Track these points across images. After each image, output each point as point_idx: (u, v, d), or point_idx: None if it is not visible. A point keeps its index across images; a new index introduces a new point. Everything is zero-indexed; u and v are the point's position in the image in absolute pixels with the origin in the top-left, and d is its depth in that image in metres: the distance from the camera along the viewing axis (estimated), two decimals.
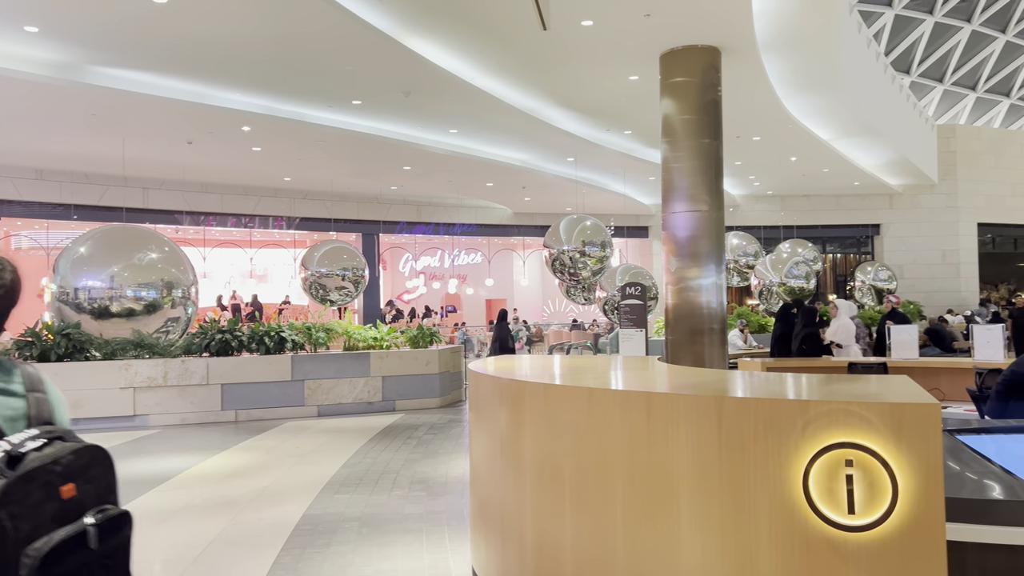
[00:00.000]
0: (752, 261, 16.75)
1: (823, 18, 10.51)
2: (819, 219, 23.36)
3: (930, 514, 2.51)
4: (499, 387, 3.96)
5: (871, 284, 19.96)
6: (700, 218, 10.29)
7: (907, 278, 22.15)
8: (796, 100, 13.74)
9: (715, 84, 10.44)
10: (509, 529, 3.78)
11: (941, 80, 25.91)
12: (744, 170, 19.36)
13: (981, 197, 23.66)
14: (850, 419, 2.56)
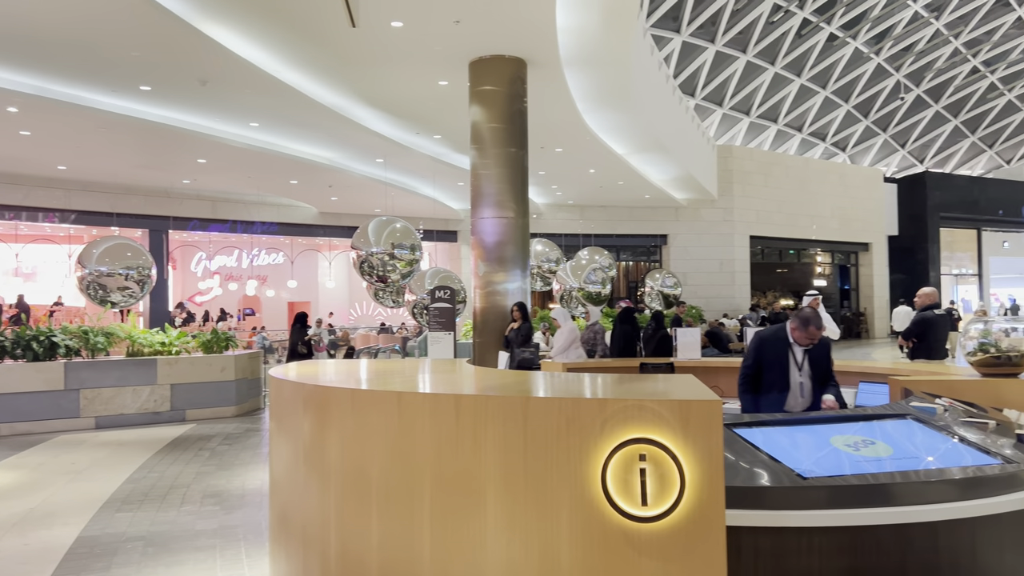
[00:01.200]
0: (554, 267, 17.44)
1: (620, 39, 11.17)
2: (614, 228, 24.81)
3: (712, 502, 2.72)
4: (303, 393, 3.82)
5: (659, 290, 21.46)
6: (507, 224, 10.56)
7: (690, 285, 24.08)
8: (595, 115, 14.49)
9: (521, 95, 10.77)
10: (311, 539, 3.65)
11: (721, 104, 28.46)
12: (547, 180, 20.12)
13: (753, 212, 26.25)
14: (644, 415, 2.73)
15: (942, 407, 4.46)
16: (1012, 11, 29.08)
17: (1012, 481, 3.35)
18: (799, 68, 28.59)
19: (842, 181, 29.29)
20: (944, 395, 4.79)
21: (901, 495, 3.16)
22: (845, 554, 3.06)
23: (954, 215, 32.66)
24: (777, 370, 4.92)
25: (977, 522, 3.23)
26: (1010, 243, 35.38)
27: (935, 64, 31.34)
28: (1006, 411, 4.62)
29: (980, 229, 34.32)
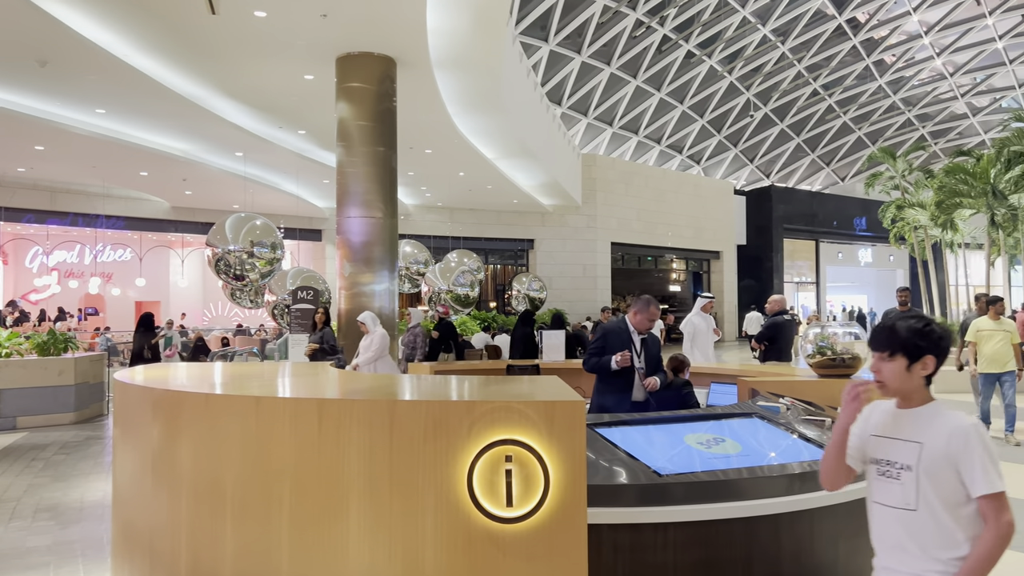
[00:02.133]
0: (422, 269, 17.34)
1: (490, 43, 11.26)
2: (483, 232, 24.99)
3: (575, 501, 2.78)
4: (152, 398, 3.59)
5: (526, 293, 21.80)
6: (375, 224, 10.40)
7: (555, 288, 24.61)
8: (465, 118, 14.53)
9: (391, 94, 10.64)
10: (159, 553, 3.43)
11: (586, 114, 29.29)
12: (417, 180, 19.99)
13: (614, 220, 27.17)
14: (511, 416, 2.74)
15: (785, 406, 4.77)
16: (848, 40, 31.66)
17: None
18: (659, 83, 29.89)
19: (696, 192, 30.86)
20: (787, 395, 5.12)
21: (748, 490, 3.34)
22: (698, 547, 3.20)
23: (796, 227, 35.19)
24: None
25: (815, 513, 3.47)
26: (843, 253, 38.52)
27: (781, 85, 33.65)
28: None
29: (818, 240, 37.13)
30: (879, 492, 2.20)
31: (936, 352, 2.16)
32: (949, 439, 2.05)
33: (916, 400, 2.18)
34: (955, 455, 2.03)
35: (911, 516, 2.10)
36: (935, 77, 36.31)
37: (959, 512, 2.06)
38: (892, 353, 2.17)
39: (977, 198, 23.75)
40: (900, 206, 28.71)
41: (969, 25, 31.81)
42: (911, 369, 2.15)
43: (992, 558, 2.02)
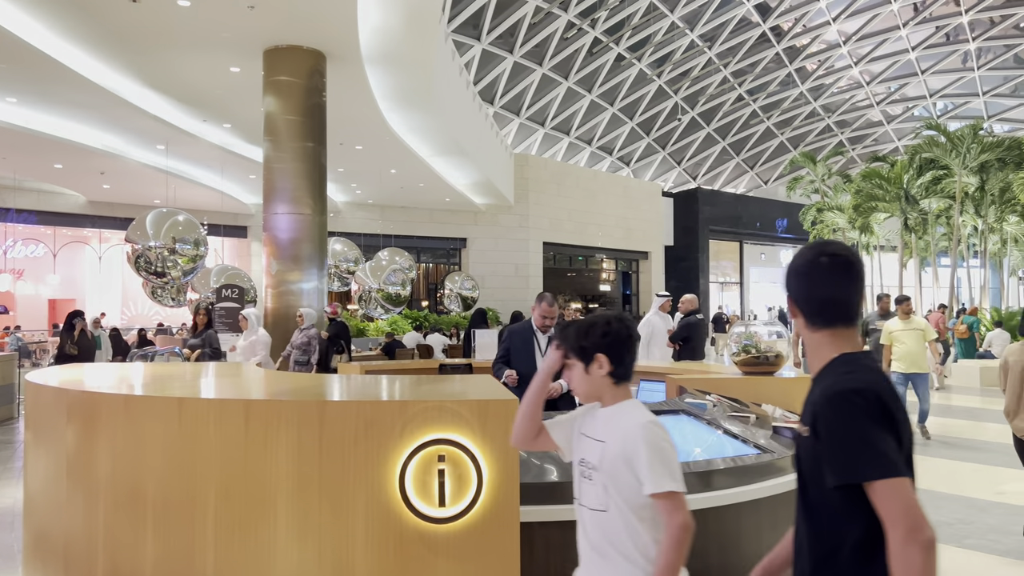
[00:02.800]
0: (353, 267, 17.10)
1: (422, 40, 11.17)
2: (415, 230, 24.81)
3: (508, 500, 2.78)
4: (67, 400, 3.43)
5: (458, 292, 21.75)
6: (303, 221, 10.20)
7: (488, 287, 24.61)
8: (397, 115, 14.39)
9: (320, 88, 10.46)
10: (75, 559, 3.29)
11: (518, 114, 29.40)
12: (347, 177, 19.70)
13: (546, 220, 27.35)
14: (444, 416, 2.73)
15: (711, 403, 4.88)
16: (772, 47, 32.65)
17: (769, 469, 3.73)
18: (590, 84, 30.23)
19: (626, 193, 31.33)
20: (713, 392, 5.23)
21: None
22: None
23: (721, 228, 36.11)
24: (524, 357, 5.26)
25: (741, 508, 3.56)
26: (766, 255, 39.72)
27: (708, 90, 34.47)
28: (764, 406, 5.15)
29: (742, 242, 38.19)
30: (578, 492, 2.15)
31: (605, 349, 2.10)
32: (624, 438, 2.01)
33: (608, 399, 2.14)
34: (629, 454, 1.99)
35: (603, 517, 2.04)
36: (853, 85, 37.79)
37: (643, 514, 2.01)
38: (568, 358, 2.15)
39: (891, 202, 24.82)
40: (820, 209, 29.80)
41: (884, 36, 33.23)
42: (589, 371, 2.11)
43: (671, 564, 1.94)
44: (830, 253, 1.72)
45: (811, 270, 1.73)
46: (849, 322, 1.71)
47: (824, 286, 1.72)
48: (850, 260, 1.72)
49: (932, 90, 37.61)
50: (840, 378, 1.61)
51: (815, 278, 1.73)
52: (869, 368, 1.64)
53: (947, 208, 24.27)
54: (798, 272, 1.76)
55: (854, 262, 1.73)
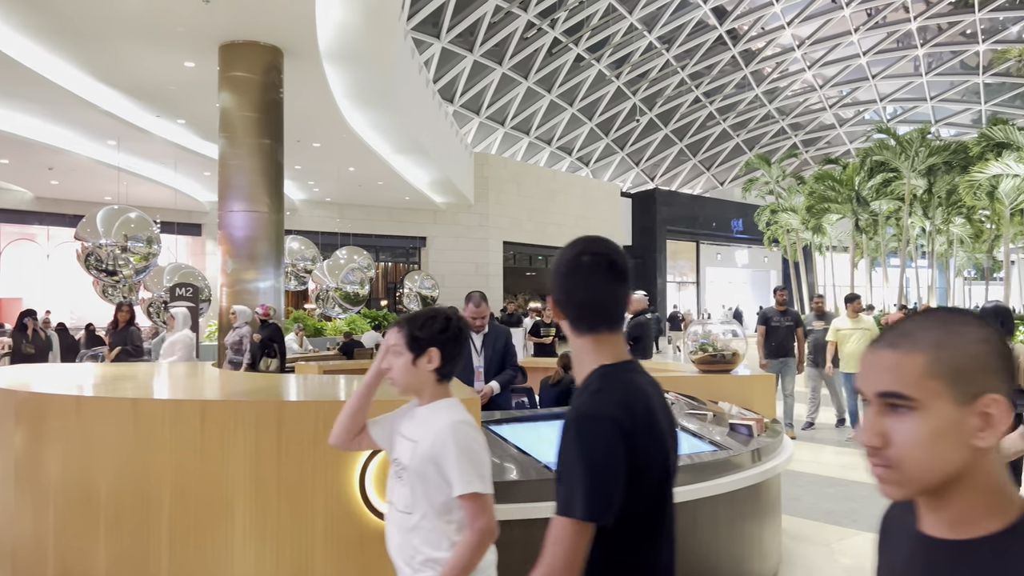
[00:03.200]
0: (310, 266, 16.90)
1: (382, 37, 11.09)
2: (374, 228, 24.62)
3: None
4: (14, 401, 3.33)
5: (418, 291, 21.66)
6: (259, 219, 10.06)
7: (447, 286, 24.54)
8: (355, 112, 14.26)
9: (277, 85, 10.32)
10: (23, 564, 3.20)
11: (478, 113, 29.38)
12: (304, 175, 19.47)
13: (506, 219, 27.38)
14: None
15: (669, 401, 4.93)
16: (728, 50, 33.14)
17: (726, 466, 3.79)
18: (549, 84, 30.34)
19: (585, 194, 31.52)
20: (671, 389, 5.29)
21: None
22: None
23: (678, 229, 36.52)
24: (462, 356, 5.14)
25: (698, 504, 3.61)
26: (722, 255, 40.30)
27: (665, 91, 34.85)
28: (721, 403, 5.23)
29: (699, 242, 38.67)
30: (389, 493, 2.07)
31: (439, 344, 2.04)
32: (434, 438, 1.94)
33: (426, 396, 2.07)
34: (437, 455, 1.92)
35: (409, 520, 1.97)
36: (806, 89, 38.56)
37: (452, 516, 1.95)
38: (398, 345, 2.06)
39: (843, 204, 25.38)
40: (774, 210, 30.32)
41: (837, 41, 33.96)
42: (416, 363, 2.03)
43: (466, 564, 1.89)
44: (592, 252, 1.59)
45: (572, 270, 1.59)
46: (612, 326, 1.59)
47: (586, 288, 1.57)
48: (613, 259, 1.60)
49: (882, 94, 38.56)
50: (586, 399, 1.51)
51: (577, 279, 1.58)
52: (620, 387, 1.51)
53: (897, 210, 24.91)
54: (559, 272, 1.61)
55: (617, 261, 1.60)
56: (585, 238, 1.64)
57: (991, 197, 19.60)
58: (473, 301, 5.20)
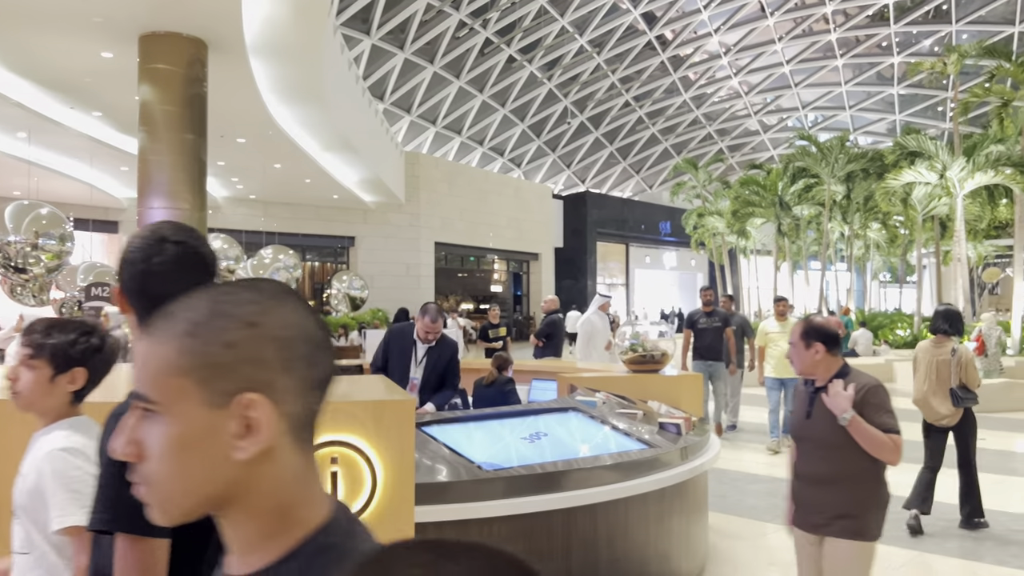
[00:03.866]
0: (233, 265, 16.43)
1: (310, 32, 10.86)
2: (300, 227, 24.12)
3: (402, 501, 2.72)
4: None
5: (346, 292, 21.33)
6: (180, 216, 9.71)
7: (377, 287, 24.25)
8: (282, 108, 13.95)
9: (201, 78, 9.99)
10: None
11: (409, 111, 29.13)
12: (228, 171, 18.94)
13: (438, 219, 27.23)
14: (337, 417, 2.64)
15: (601, 400, 4.97)
16: (657, 55, 33.76)
17: (655, 464, 3.82)
18: (481, 85, 30.34)
19: (517, 195, 31.64)
20: (602, 389, 5.33)
21: (567, 482, 3.43)
22: (521, 539, 3.25)
23: (608, 231, 37.03)
24: (399, 363, 4.97)
25: (629, 501, 3.63)
26: (651, 257, 41.04)
27: (596, 95, 35.27)
28: (651, 402, 5.29)
29: (628, 244, 39.29)
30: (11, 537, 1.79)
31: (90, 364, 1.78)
32: (40, 467, 1.71)
33: (48, 419, 1.79)
34: (42, 486, 1.69)
35: (25, 561, 1.73)
36: (732, 95, 39.61)
37: (68, 552, 1.70)
38: (34, 356, 1.75)
39: (766, 208, 26.15)
40: (701, 214, 31.05)
41: (762, 49, 34.99)
42: (55, 381, 1.76)
43: None
44: (178, 240, 1.42)
45: (147, 258, 1.39)
46: None
47: (167, 281, 1.35)
48: (202, 251, 1.43)
49: (805, 102, 39.91)
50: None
51: (157, 269, 1.39)
52: None
53: (817, 215, 25.81)
54: (133, 259, 1.41)
55: (206, 254, 1.44)
56: (168, 223, 1.46)
57: (905, 203, 20.50)
58: (430, 316, 4.92)
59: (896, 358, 16.86)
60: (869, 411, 2.78)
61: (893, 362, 16.00)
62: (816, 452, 2.89)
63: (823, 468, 2.86)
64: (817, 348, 2.86)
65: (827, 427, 2.82)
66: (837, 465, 2.82)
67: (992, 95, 18.33)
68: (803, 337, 2.91)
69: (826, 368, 2.89)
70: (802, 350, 2.90)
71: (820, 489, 2.87)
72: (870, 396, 2.81)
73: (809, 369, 2.91)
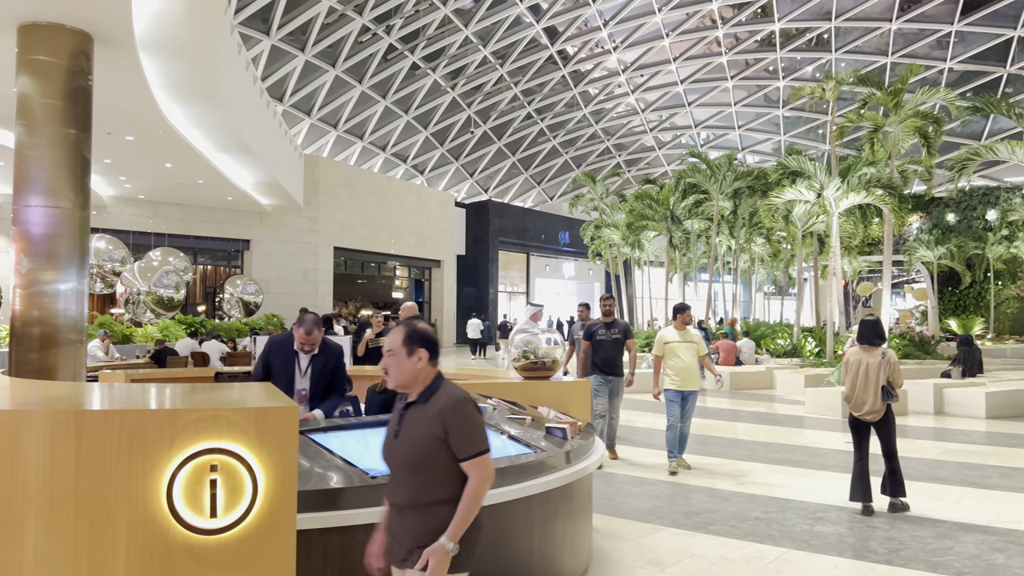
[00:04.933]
0: (119, 267, 15.72)
1: (205, 29, 10.58)
2: (192, 229, 23.26)
3: (284, 508, 2.74)
4: None
5: (239, 297, 20.73)
6: (61, 215, 9.26)
7: (272, 292, 23.68)
8: (175, 106, 13.49)
9: (86, 72, 9.57)
10: None
11: (309, 114, 28.59)
12: (115, 169, 18.12)
13: (337, 224, 26.84)
14: (218, 425, 2.64)
15: (492, 406, 5.09)
16: (559, 70, 34.41)
17: (541, 467, 3.97)
18: (385, 90, 30.13)
19: (419, 202, 31.56)
20: (494, 396, 5.46)
21: None
22: None
23: (509, 240, 37.44)
24: (284, 374, 4.90)
25: (514, 505, 3.76)
26: (550, 266, 41.71)
27: (499, 105, 35.63)
28: (540, 408, 5.45)
29: (529, 253, 39.82)
30: None
31: None
32: None
33: None
34: None
35: None
36: (629, 112, 40.81)
37: None
38: None
39: (659, 222, 27.09)
40: (598, 226, 31.85)
41: (658, 68, 36.24)
42: None
43: None
44: None
45: None
46: None
47: None
48: None
49: (697, 121, 41.56)
50: None
51: None
52: None
53: (707, 229, 26.94)
54: None
55: None
56: None
57: (786, 220, 21.67)
58: (305, 327, 4.82)
59: (776, 366, 17.80)
60: (454, 433, 2.47)
61: (773, 370, 16.87)
62: (400, 475, 2.55)
63: (405, 494, 2.52)
64: (420, 355, 2.56)
65: (412, 448, 2.51)
66: (420, 491, 2.49)
67: (865, 120, 19.68)
68: (406, 343, 2.57)
69: (424, 379, 2.58)
70: (403, 357, 2.55)
71: (404, 518, 2.52)
72: (451, 413, 2.50)
73: (409, 379, 2.57)
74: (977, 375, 14.84)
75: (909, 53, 32.52)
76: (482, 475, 2.50)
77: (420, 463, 2.50)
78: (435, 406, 2.53)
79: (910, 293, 38.59)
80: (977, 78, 33.12)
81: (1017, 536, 5.54)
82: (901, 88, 18.56)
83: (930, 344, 19.88)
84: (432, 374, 2.61)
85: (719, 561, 4.96)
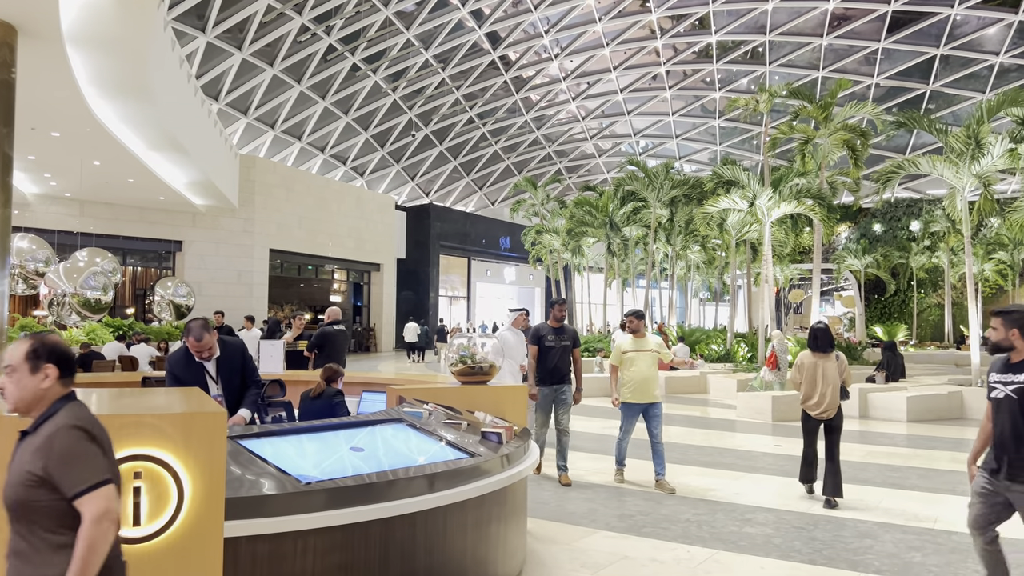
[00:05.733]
0: (43, 268, 15.12)
1: (135, 24, 10.29)
2: (121, 230, 22.54)
3: (211, 515, 2.69)
4: None
5: (171, 299, 20.18)
6: None
7: (205, 295, 23.10)
8: (104, 103, 13.07)
9: (8, 64, 9.22)
10: None
11: (246, 113, 28.03)
12: (39, 166, 17.44)
13: (274, 225, 26.36)
14: (142, 431, 2.58)
15: (428, 411, 5.08)
16: (500, 75, 34.54)
17: (475, 472, 3.98)
18: (324, 91, 29.75)
19: (358, 204, 31.24)
20: (431, 401, 5.45)
21: (387, 492, 3.51)
22: (338, 551, 3.29)
23: (450, 244, 37.37)
24: (197, 386, 4.68)
25: (448, 509, 3.76)
26: (491, 271, 41.76)
27: (441, 109, 35.55)
28: (477, 413, 5.46)
29: (470, 258, 39.82)
30: None
31: None
32: None
33: None
34: None
35: None
36: (570, 119, 41.21)
37: None
38: None
39: (599, 228, 27.41)
40: (539, 231, 32.06)
41: (598, 76, 36.70)
42: None
43: None
44: None
45: None
46: None
47: None
48: None
49: (636, 129, 42.23)
50: None
51: None
52: None
53: (644, 236, 27.37)
54: None
55: None
56: None
57: (721, 228, 22.19)
58: (193, 335, 4.65)
59: (710, 371, 18.19)
60: (54, 468, 2.02)
61: (707, 375, 17.24)
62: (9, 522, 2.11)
63: (12, 543, 2.10)
64: (48, 372, 2.16)
65: (11, 489, 2.07)
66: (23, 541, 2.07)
67: (797, 132, 20.31)
68: (30, 357, 2.16)
69: (49, 402, 2.18)
70: (26, 375, 2.15)
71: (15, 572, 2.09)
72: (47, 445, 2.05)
73: (31, 401, 2.16)
74: (900, 380, 15.43)
75: (839, 68, 33.69)
76: (97, 513, 2.00)
77: (17, 507, 2.05)
78: (40, 436, 2.08)
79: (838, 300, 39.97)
80: (902, 94, 34.50)
81: (933, 535, 5.79)
82: (831, 102, 19.22)
83: (857, 350, 20.58)
84: (57, 395, 2.18)
85: (650, 563, 5.05)
